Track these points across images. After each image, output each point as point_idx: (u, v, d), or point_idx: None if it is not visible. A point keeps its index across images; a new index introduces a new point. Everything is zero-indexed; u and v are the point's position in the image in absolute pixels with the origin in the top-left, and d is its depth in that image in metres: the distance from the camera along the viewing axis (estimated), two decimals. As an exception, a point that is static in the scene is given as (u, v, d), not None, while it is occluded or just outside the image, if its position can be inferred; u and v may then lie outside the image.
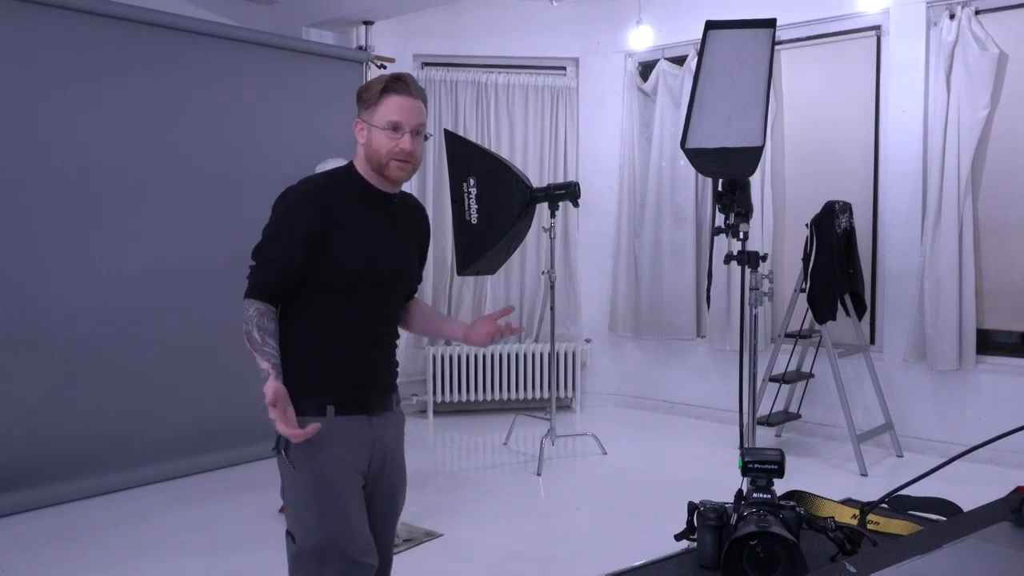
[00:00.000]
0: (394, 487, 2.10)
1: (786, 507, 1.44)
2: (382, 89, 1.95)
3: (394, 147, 1.94)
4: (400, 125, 1.94)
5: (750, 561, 1.35)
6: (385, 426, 2.05)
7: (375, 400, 2.02)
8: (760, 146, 2.99)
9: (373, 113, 1.96)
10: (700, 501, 1.50)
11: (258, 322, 1.90)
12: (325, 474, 1.93)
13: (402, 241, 2.09)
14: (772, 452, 1.50)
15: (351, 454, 1.96)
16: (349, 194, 1.99)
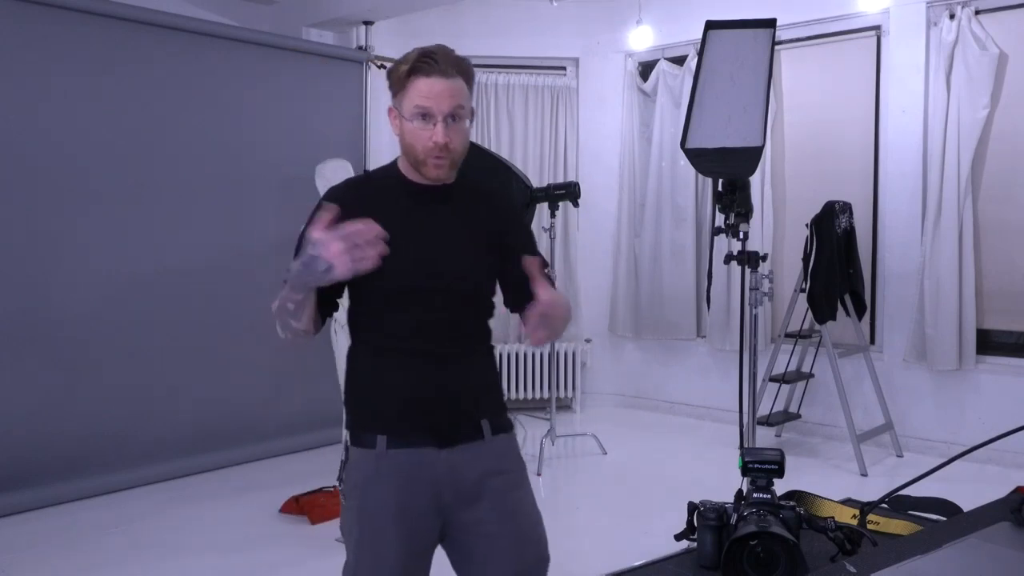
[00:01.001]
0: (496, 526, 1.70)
1: (786, 507, 1.44)
2: (408, 70, 1.64)
3: (426, 140, 1.64)
4: (430, 112, 1.63)
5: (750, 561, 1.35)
6: (467, 458, 1.69)
7: (447, 427, 1.68)
8: (760, 146, 2.99)
9: (401, 100, 1.67)
10: (700, 501, 1.50)
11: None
12: (367, 515, 1.67)
13: (462, 237, 1.75)
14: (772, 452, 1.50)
15: (402, 492, 1.66)
16: (388, 191, 1.73)
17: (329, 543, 3.68)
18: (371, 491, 1.67)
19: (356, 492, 1.68)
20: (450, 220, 1.75)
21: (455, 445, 1.68)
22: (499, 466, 1.73)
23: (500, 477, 1.72)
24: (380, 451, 1.65)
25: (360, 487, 1.67)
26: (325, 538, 3.73)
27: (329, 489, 4.10)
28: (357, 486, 1.68)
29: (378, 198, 1.70)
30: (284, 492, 4.12)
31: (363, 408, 1.72)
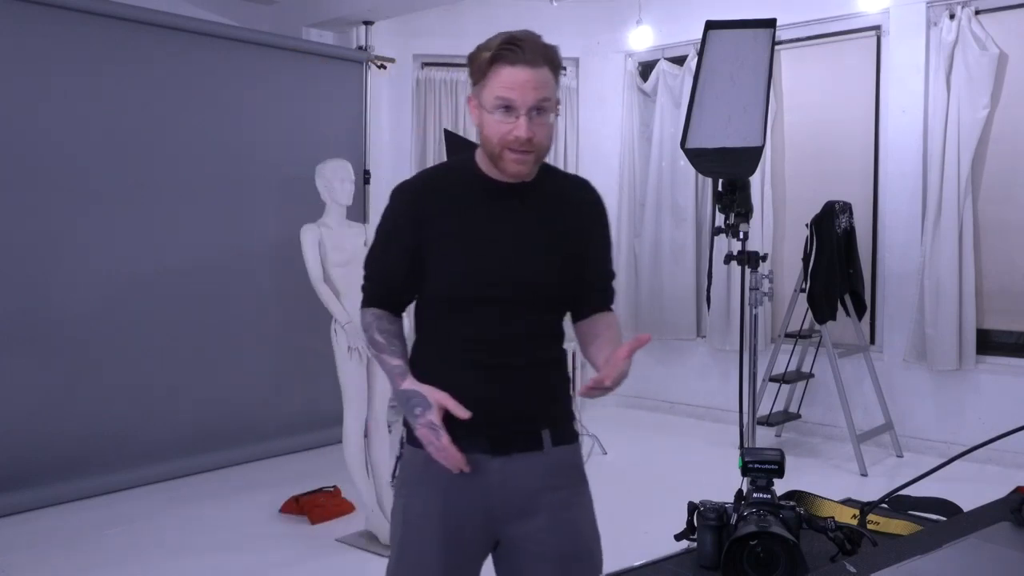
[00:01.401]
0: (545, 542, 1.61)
1: (786, 507, 1.44)
2: (491, 57, 1.51)
3: (507, 134, 1.51)
4: (513, 104, 1.50)
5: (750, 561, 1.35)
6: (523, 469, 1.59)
7: (503, 435, 1.58)
8: (760, 146, 2.98)
9: (482, 89, 1.54)
10: (700, 501, 1.50)
11: (377, 325, 1.63)
12: (412, 514, 1.61)
13: (537, 239, 1.62)
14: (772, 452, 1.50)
15: (448, 497, 1.58)
16: (460, 189, 1.61)
17: (329, 543, 3.68)
18: (418, 491, 1.62)
19: (404, 490, 1.65)
20: (529, 223, 1.62)
21: (510, 454, 1.58)
22: (556, 480, 1.62)
23: (557, 493, 1.62)
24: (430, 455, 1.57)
25: (409, 485, 1.64)
26: (325, 538, 3.73)
27: (329, 489, 4.10)
28: (406, 484, 1.65)
29: (454, 196, 1.60)
30: (284, 492, 4.12)
31: None
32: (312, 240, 3.62)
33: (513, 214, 1.61)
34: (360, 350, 3.60)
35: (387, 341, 1.61)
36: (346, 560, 3.53)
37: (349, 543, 3.66)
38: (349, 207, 3.78)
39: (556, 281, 1.63)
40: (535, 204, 1.63)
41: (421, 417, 1.50)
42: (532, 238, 1.61)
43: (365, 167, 5.60)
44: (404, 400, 1.54)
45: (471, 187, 1.60)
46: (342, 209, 3.74)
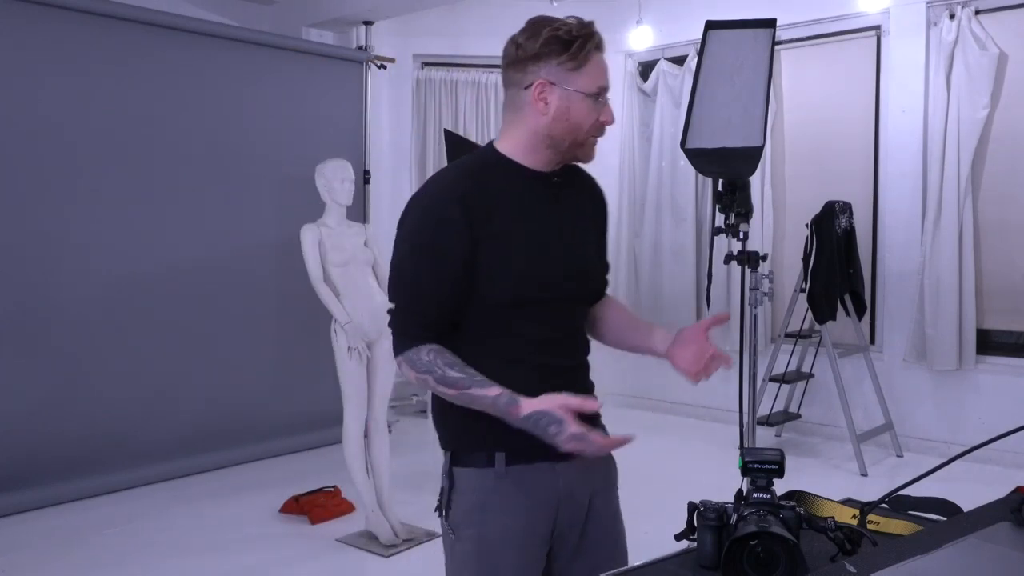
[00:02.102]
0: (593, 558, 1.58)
1: (786, 507, 1.44)
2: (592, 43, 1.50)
3: (597, 120, 1.51)
4: (606, 91, 1.53)
5: (750, 561, 1.35)
6: (577, 474, 1.55)
7: None
8: (760, 146, 2.98)
9: (580, 74, 1.49)
10: (700, 501, 1.50)
11: (441, 360, 1.45)
12: (492, 547, 1.49)
13: (577, 231, 1.60)
14: (772, 452, 1.50)
15: (528, 516, 1.50)
16: (503, 184, 1.51)
17: (329, 543, 3.68)
18: (492, 516, 1.49)
19: (473, 518, 1.49)
20: (573, 213, 1.59)
21: (571, 458, 1.48)
22: (604, 482, 1.63)
23: (604, 495, 1.62)
24: (499, 470, 1.48)
25: (478, 512, 1.49)
26: (325, 538, 3.73)
27: (329, 489, 4.10)
28: (473, 511, 1.49)
29: (503, 192, 1.50)
30: (284, 492, 4.12)
31: (475, 423, 1.47)
32: (312, 240, 3.62)
33: (559, 205, 1.56)
34: (360, 350, 3.59)
35: (465, 375, 1.43)
36: (346, 560, 3.53)
37: (349, 543, 3.66)
38: (349, 207, 3.78)
39: (601, 272, 1.67)
40: (571, 194, 1.60)
41: (560, 435, 1.37)
42: (580, 229, 1.60)
43: (365, 167, 5.60)
44: (533, 425, 1.39)
45: (517, 180, 1.52)
46: (342, 209, 3.75)
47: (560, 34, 1.46)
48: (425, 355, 1.46)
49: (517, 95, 1.50)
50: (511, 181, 1.51)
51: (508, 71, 1.52)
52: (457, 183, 1.50)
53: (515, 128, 1.52)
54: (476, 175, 1.51)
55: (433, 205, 1.48)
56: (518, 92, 1.50)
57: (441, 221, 1.46)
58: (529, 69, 1.48)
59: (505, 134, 1.54)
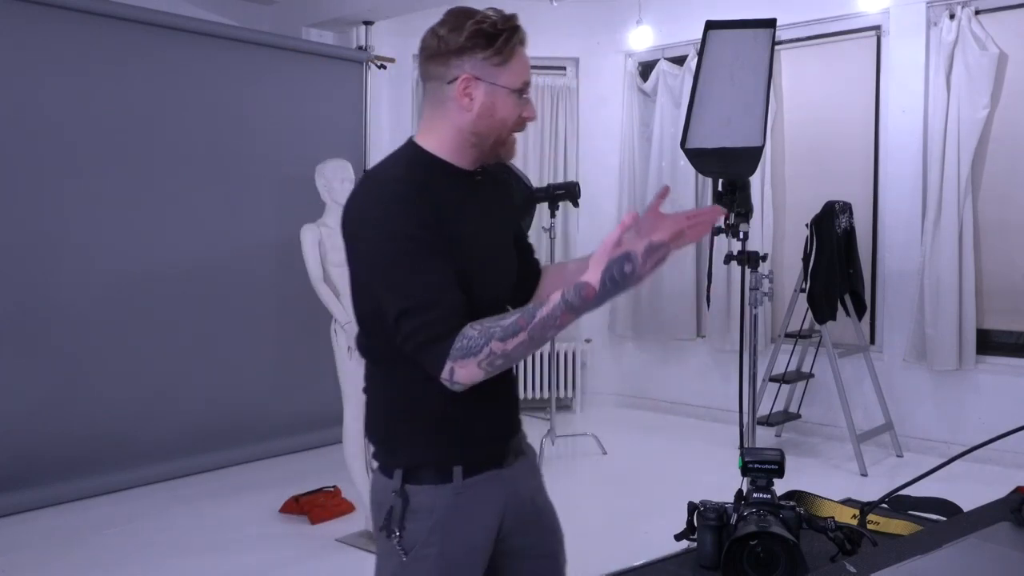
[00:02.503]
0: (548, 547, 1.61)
1: (786, 507, 1.44)
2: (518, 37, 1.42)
3: (520, 116, 1.45)
4: (528, 86, 1.45)
5: (750, 561, 1.35)
6: (518, 475, 1.54)
7: (507, 445, 1.53)
8: (760, 146, 2.98)
9: (502, 70, 1.41)
10: (700, 501, 1.50)
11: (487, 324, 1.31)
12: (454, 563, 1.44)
13: (502, 230, 1.56)
14: (772, 452, 1.50)
15: (487, 527, 1.48)
16: (440, 186, 1.42)
17: (329, 543, 3.68)
18: (454, 532, 1.43)
19: (433, 538, 1.42)
20: (498, 212, 1.54)
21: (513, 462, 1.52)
22: (538, 480, 1.63)
23: (541, 493, 1.62)
24: (457, 484, 1.43)
25: (440, 530, 1.42)
26: (325, 538, 3.73)
27: (329, 489, 4.10)
28: (434, 530, 1.42)
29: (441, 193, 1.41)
30: (284, 492, 4.12)
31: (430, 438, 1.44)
32: (312, 240, 3.62)
33: (486, 206, 1.51)
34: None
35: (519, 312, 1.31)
36: (346, 560, 3.53)
37: (349, 543, 3.67)
38: (349, 207, 3.77)
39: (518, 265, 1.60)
40: (491, 191, 1.54)
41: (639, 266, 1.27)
42: (504, 226, 1.56)
43: (365, 167, 5.59)
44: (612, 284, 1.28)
45: (450, 182, 1.44)
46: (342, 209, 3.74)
47: (485, 27, 1.39)
48: (471, 331, 1.31)
49: (439, 89, 1.42)
50: (445, 183, 1.43)
51: (429, 64, 1.43)
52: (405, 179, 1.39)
53: (438, 125, 1.45)
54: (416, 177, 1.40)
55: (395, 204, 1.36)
56: (440, 86, 1.42)
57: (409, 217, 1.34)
58: (452, 63, 1.40)
59: (428, 130, 1.46)
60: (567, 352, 6.18)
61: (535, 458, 1.64)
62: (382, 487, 1.47)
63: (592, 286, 1.28)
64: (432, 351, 1.31)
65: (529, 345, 1.31)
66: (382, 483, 1.47)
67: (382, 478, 1.47)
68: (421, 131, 1.48)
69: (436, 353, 1.31)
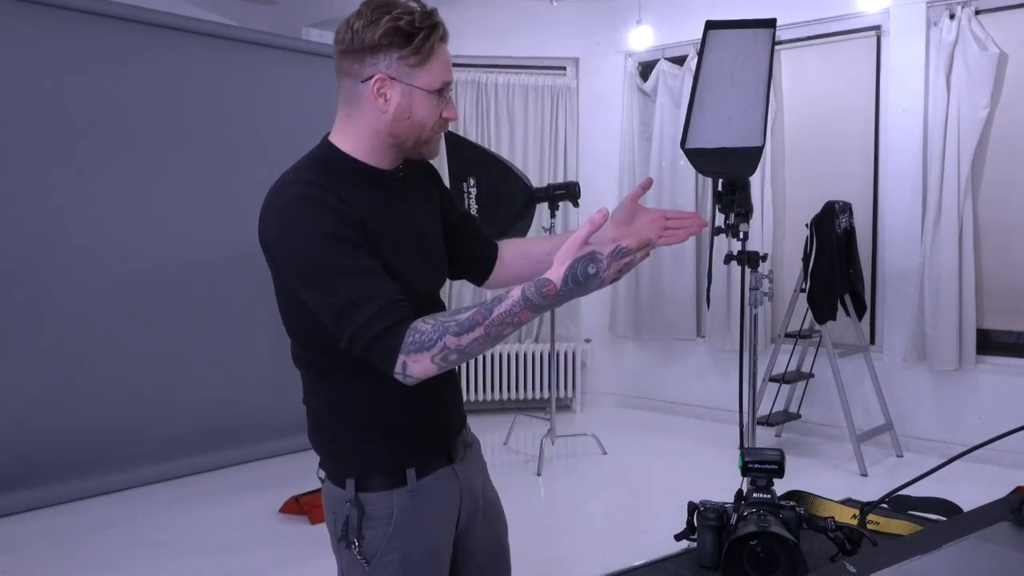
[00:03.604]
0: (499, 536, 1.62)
1: (786, 507, 1.44)
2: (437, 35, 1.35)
3: (440, 116, 1.39)
4: (449, 85, 1.40)
5: (750, 561, 1.35)
6: (469, 467, 1.54)
7: (458, 440, 1.52)
8: (760, 146, 2.98)
9: (419, 71, 1.34)
10: (700, 501, 1.50)
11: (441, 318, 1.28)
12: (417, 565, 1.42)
13: (429, 226, 1.52)
14: (772, 452, 1.50)
15: (445, 524, 1.47)
16: (358, 189, 1.37)
17: (329, 543, 3.68)
18: (413, 535, 1.41)
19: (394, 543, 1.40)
20: (422, 211, 1.50)
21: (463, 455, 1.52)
22: (484, 469, 1.62)
23: (488, 482, 1.63)
24: (412, 486, 1.41)
25: (399, 534, 1.40)
26: (325, 538, 3.72)
27: (329, 489, 4.10)
28: (394, 535, 1.40)
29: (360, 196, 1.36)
30: (284, 492, 4.12)
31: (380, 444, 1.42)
32: (312, 240, 3.62)
33: (410, 204, 1.46)
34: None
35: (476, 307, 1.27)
36: (346, 560, 3.53)
37: (349, 543, 3.66)
38: (349, 207, 3.78)
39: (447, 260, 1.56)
40: (416, 188, 1.50)
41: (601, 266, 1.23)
42: (422, 221, 1.49)
43: (365, 167, 5.60)
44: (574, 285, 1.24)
45: (369, 184, 1.39)
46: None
47: (401, 24, 1.31)
48: (423, 325, 1.27)
49: (354, 87, 1.36)
50: (364, 186, 1.38)
51: (343, 60, 1.36)
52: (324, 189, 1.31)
53: (353, 124, 1.39)
54: (343, 176, 1.36)
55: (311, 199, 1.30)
56: (355, 84, 1.36)
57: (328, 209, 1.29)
58: (367, 61, 1.33)
59: (342, 129, 1.41)
60: (567, 352, 6.18)
61: (480, 448, 1.63)
62: (335, 498, 1.45)
63: (554, 284, 1.23)
64: (381, 346, 1.27)
65: (485, 341, 1.26)
66: (334, 493, 1.46)
67: (333, 488, 1.46)
68: (336, 129, 1.43)
69: (386, 348, 1.27)
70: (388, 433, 1.41)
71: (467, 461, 1.54)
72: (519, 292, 1.25)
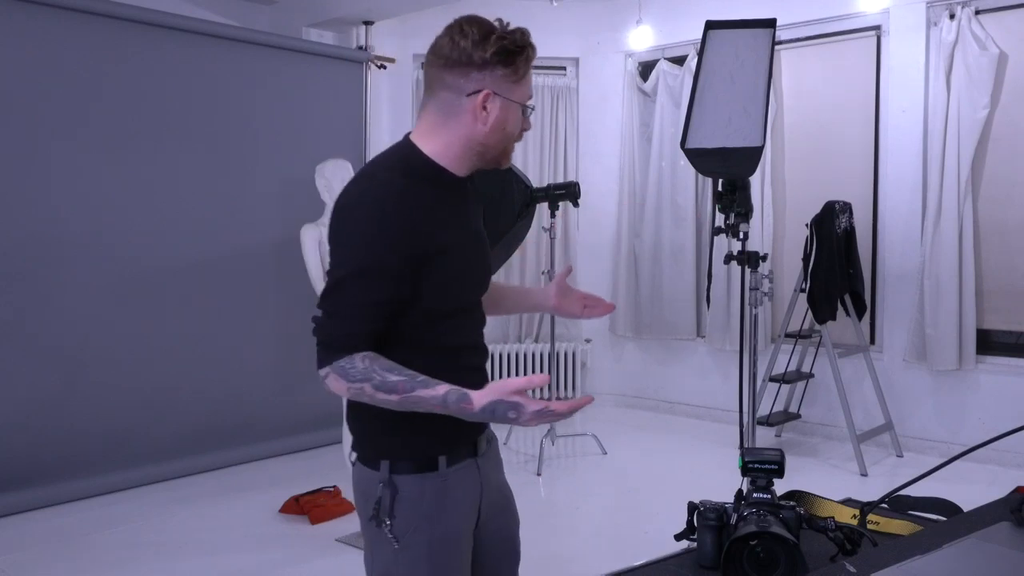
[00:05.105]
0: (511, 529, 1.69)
1: (786, 507, 1.44)
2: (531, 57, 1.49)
3: (521, 130, 1.53)
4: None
5: (750, 561, 1.35)
6: (489, 462, 1.62)
7: (483, 435, 1.60)
8: (760, 146, 2.98)
9: (516, 86, 1.47)
10: (700, 501, 1.50)
11: (378, 366, 1.39)
12: (443, 548, 1.50)
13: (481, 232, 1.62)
14: (772, 452, 1.50)
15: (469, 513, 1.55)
16: (437, 192, 1.47)
17: (329, 543, 3.68)
18: (442, 519, 1.49)
19: (423, 524, 1.48)
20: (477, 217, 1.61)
21: (486, 450, 1.61)
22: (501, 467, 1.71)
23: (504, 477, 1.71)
24: (443, 472, 1.49)
25: (429, 517, 1.48)
26: (325, 538, 3.73)
27: (329, 489, 4.10)
28: (424, 517, 1.48)
29: (434, 198, 1.46)
30: (284, 492, 4.12)
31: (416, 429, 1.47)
32: (312, 240, 3.62)
33: (471, 209, 1.57)
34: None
35: (407, 376, 1.38)
36: (346, 560, 3.53)
37: (349, 543, 3.66)
38: (349, 207, 3.77)
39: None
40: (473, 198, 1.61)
41: (521, 417, 1.36)
42: (479, 228, 1.61)
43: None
44: (490, 415, 1.37)
45: (446, 188, 1.49)
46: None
47: (506, 44, 1.44)
48: (360, 362, 1.39)
49: (454, 100, 1.45)
50: (442, 189, 1.48)
51: (445, 73, 1.45)
52: (409, 191, 1.42)
53: (447, 132, 1.47)
54: (416, 183, 1.44)
55: (385, 214, 1.39)
56: (456, 97, 1.44)
57: (392, 235, 1.39)
58: (474, 76, 1.43)
59: (432, 135, 1.48)
60: (567, 352, 6.18)
61: (498, 444, 1.71)
62: (367, 478, 1.51)
63: (473, 407, 1.36)
64: (324, 350, 1.43)
65: (396, 405, 1.39)
66: (367, 475, 1.51)
67: (366, 470, 1.52)
68: (421, 133, 1.50)
69: (325, 354, 1.42)
70: (424, 421, 1.46)
71: (487, 456, 1.62)
72: (443, 391, 1.37)
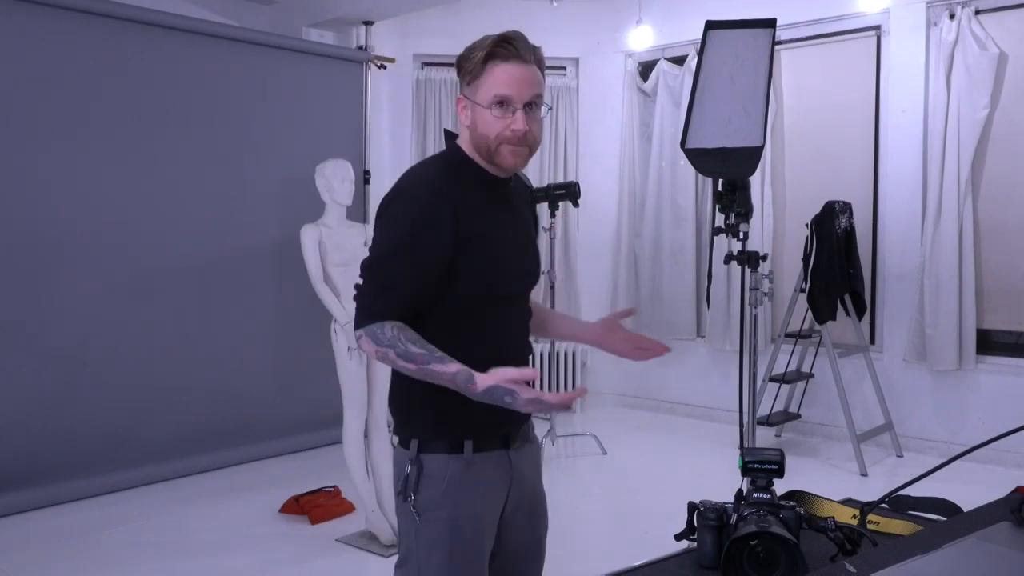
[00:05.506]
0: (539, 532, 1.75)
1: (786, 507, 1.44)
2: (485, 56, 1.54)
3: (504, 129, 1.55)
4: (510, 100, 1.54)
5: (750, 561, 1.35)
6: (524, 459, 1.68)
7: (516, 430, 1.65)
8: (760, 146, 2.98)
9: (477, 88, 1.56)
10: (700, 501, 1.50)
11: (404, 336, 1.51)
12: (461, 528, 1.57)
13: (522, 231, 1.71)
14: (772, 452, 1.50)
15: (491, 500, 1.62)
16: (472, 187, 1.60)
17: (329, 543, 3.68)
18: (462, 500, 1.57)
19: (443, 503, 1.56)
20: (521, 214, 1.72)
21: (517, 447, 1.66)
22: (539, 468, 1.77)
23: (540, 481, 1.76)
24: (468, 456, 1.57)
25: (450, 496, 1.56)
26: (325, 538, 3.73)
27: (329, 489, 4.10)
28: (444, 495, 1.56)
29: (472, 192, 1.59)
30: (284, 492, 4.12)
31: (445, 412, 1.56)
32: (312, 240, 3.61)
33: (509, 206, 1.68)
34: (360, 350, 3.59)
35: (427, 350, 1.49)
36: (346, 560, 3.53)
37: (349, 543, 3.67)
38: (349, 207, 3.78)
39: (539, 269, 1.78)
40: (514, 196, 1.71)
41: (516, 402, 1.45)
42: (523, 227, 1.72)
43: (365, 167, 5.60)
44: (490, 397, 1.46)
45: (479, 182, 1.62)
46: (342, 209, 3.74)
47: (464, 53, 1.59)
48: (389, 330, 1.51)
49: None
50: (479, 184, 1.61)
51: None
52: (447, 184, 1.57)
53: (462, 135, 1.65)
54: (459, 175, 1.60)
55: (424, 203, 1.54)
56: None
57: (430, 221, 1.53)
58: (460, 88, 1.63)
59: (461, 138, 1.66)
60: (567, 352, 6.18)
61: (540, 448, 1.78)
62: (400, 458, 1.62)
63: (476, 388, 1.46)
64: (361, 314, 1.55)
65: (413, 373, 1.51)
66: (401, 454, 1.63)
67: (401, 450, 1.63)
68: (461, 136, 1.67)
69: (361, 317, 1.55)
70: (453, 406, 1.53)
71: (523, 453, 1.68)
72: (454, 369, 1.48)
